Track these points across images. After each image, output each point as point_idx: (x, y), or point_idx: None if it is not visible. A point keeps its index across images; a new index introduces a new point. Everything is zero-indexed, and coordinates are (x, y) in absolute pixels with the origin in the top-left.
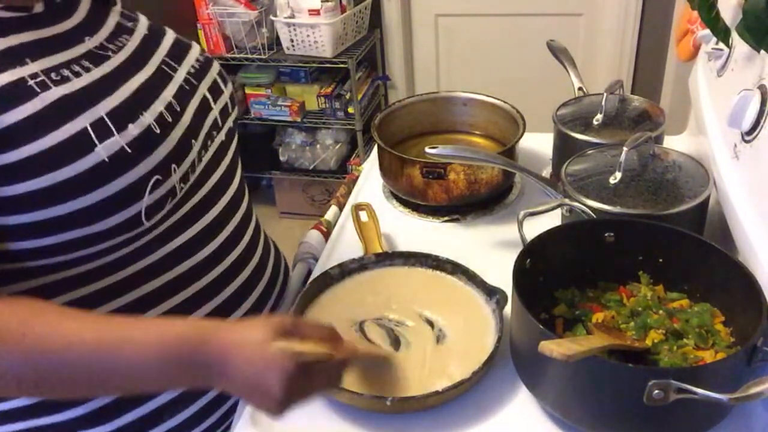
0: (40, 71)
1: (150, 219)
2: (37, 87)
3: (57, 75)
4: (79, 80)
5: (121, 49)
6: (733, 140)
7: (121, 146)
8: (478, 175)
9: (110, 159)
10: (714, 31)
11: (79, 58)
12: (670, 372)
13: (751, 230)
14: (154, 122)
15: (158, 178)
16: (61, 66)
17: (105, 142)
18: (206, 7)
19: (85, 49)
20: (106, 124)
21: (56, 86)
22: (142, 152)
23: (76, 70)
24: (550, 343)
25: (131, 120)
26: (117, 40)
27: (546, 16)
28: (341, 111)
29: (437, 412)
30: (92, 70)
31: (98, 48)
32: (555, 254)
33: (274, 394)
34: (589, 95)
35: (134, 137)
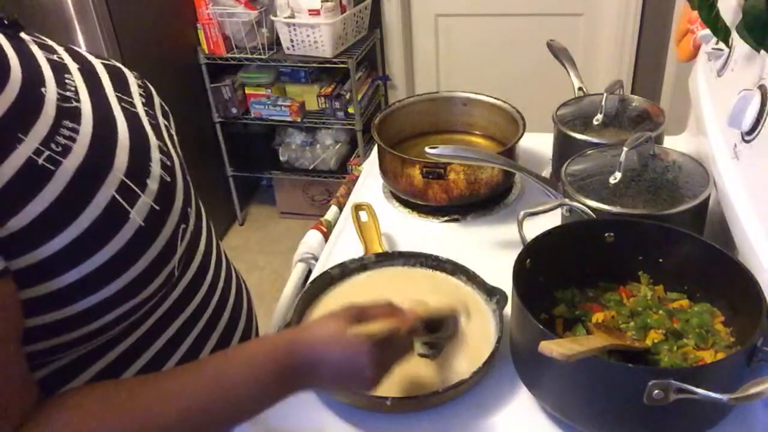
0: (39, 145)
1: (179, 269)
2: (48, 164)
3: (57, 145)
4: (78, 145)
5: (77, 93)
6: (733, 140)
7: (150, 205)
8: (478, 175)
9: (146, 222)
10: (714, 31)
11: (59, 120)
12: (670, 372)
13: (751, 230)
14: (162, 171)
15: (184, 226)
16: (53, 133)
17: (135, 205)
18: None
19: (53, 106)
20: (129, 186)
21: (64, 158)
22: (167, 205)
23: (68, 135)
24: (550, 343)
25: (146, 175)
26: (65, 82)
27: (546, 16)
28: (341, 111)
29: (437, 412)
30: (80, 131)
31: (61, 100)
32: (555, 254)
33: (365, 376)
34: (589, 95)
35: (156, 193)
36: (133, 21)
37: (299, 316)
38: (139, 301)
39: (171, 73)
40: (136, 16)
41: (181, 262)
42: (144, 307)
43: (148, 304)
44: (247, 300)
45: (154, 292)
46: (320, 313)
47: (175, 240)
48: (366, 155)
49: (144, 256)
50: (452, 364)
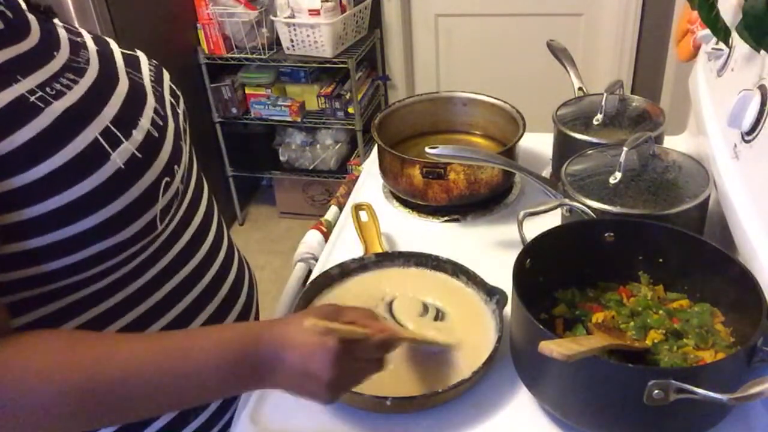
0: (35, 87)
1: (162, 222)
2: (39, 102)
3: (51, 89)
4: (73, 93)
5: (88, 63)
6: (733, 140)
7: (132, 152)
8: (478, 175)
9: (126, 165)
10: (714, 31)
11: (62, 71)
12: (670, 372)
13: (751, 230)
14: (151, 127)
15: (167, 180)
16: (51, 80)
17: (117, 149)
18: (206, 7)
19: (60, 63)
20: (113, 132)
21: (56, 100)
22: (150, 156)
23: (66, 83)
24: (550, 343)
25: (133, 126)
26: (79, 54)
27: (546, 16)
28: (341, 111)
29: (437, 412)
30: (79, 82)
31: (70, 61)
32: (555, 254)
33: (322, 376)
34: (589, 95)
35: (140, 142)
36: (133, 21)
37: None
38: (121, 241)
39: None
40: (136, 16)
41: (166, 217)
42: (127, 249)
43: (131, 247)
44: (248, 279)
45: (136, 235)
46: None
47: (156, 189)
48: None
49: (122, 197)
50: (452, 364)
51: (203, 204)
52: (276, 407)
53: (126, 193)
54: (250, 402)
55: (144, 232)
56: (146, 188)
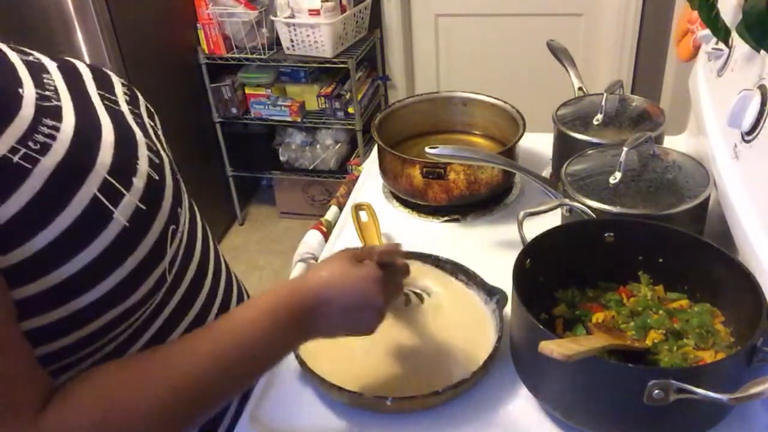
0: (15, 144)
1: (170, 273)
2: (25, 163)
3: (34, 143)
4: (58, 144)
5: (57, 92)
6: (733, 140)
7: (136, 205)
8: (478, 175)
9: (130, 222)
10: (714, 31)
11: (38, 118)
12: (670, 372)
13: (751, 230)
14: (149, 168)
15: (173, 227)
16: (30, 132)
17: (120, 205)
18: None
19: (31, 105)
20: (112, 184)
21: (42, 156)
22: (155, 205)
23: (47, 133)
24: (550, 343)
25: (132, 173)
26: (43, 82)
27: (546, 16)
28: (341, 111)
29: (437, 412)
30: (60, 128)
31: (40, 99)
32: (555, 254)
33: (375, 301)
34: (589, 95)
35: (142, 191)
36: (133, 21)
37: None
38: (131, 305)
39: (171, 73)
40: (136, 16)
41: (173, 266)
42: (137, 312)
43: (141, 309)
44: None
45: (146, 296)
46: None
47: (164, 241)
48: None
49: (131, 258)
50: (452, 364)
51: (200, 236)
52: (276, 407)
53: (134, 253)
54: (250, 402)
55: (154, 289)
56: (154, 242)
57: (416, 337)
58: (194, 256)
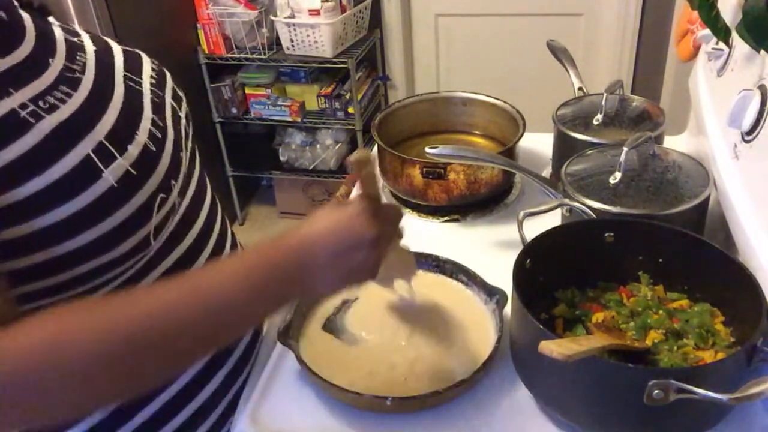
0: (27, 101)
1: (156, 239)
2: (30, 118)
3: (44, 103)
4: (66, 107)
5: (84, 69)
6: (733, 140)
7: (126, 169)
8: (478, 175)
9: (118, 183)
10: (714, 31)
11: (56, 84)
12: (670, 372)
13: (751, 230)
14: (148, 140)
15: (162, 196)
16: (44, 93)
17: (110, 166)
18: (206, 7)
19: (55, 73)
20: (107, 148)
21: (48, 115)
22: (146, 172)
23: (59, 97)
24: (550, 343)
25: (128, 141)
26: (76, 59)
27: (546, 16)
28: (341, 111)
29: (437, 412)
30: (73, 95)
31: (65, 70)
32: (555, 254)
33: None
34: (589, 95)
35: (135, 158)
36: (133, 21)
37: (299, 316)
38: (112, 259)
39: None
40: (136, 16)
41: (160, 232)
42: (118, 266)
43: (123, 264)
44: None
45: (128, 254)
46: (320, 312)
47: (150, 206)
48: None
49: (114, 215)
50: (452, 364)
51: (205, 209)
52: (276, 407)
53: (118, 211)
54: (250, 402)
55: (136, 249)
56: (140, 206)
57: (416, 337)
58: (193, 227)
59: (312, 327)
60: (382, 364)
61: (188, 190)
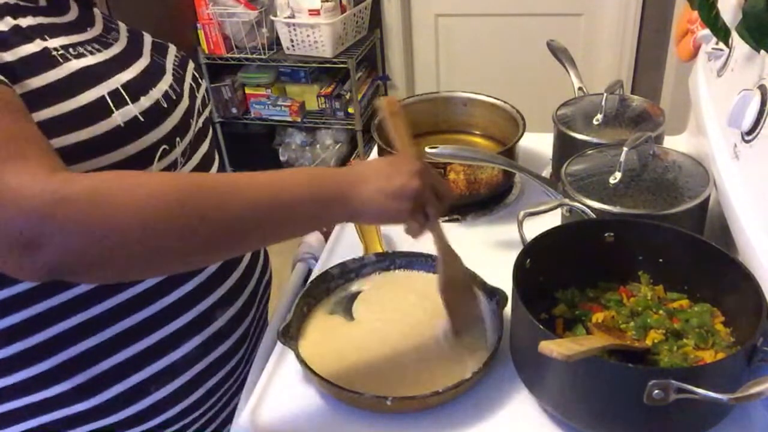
0: (60, 46)
1: None
2: (60, 58)
3: (75, 51)
4: (94, 57)
5: (117, 41)
6: (733, 140)
7: (135, 115)
8: (478, 175)
9: (125, 125)
10: (714, 31)
11: (90, 41)
12: (670, 372)
13: (751, 230)
14: (161, 98)
15: (165, 147)
16: (77, 45)
17: (121, 109)
18: (206, 7)
19: (90, 35)
20: (121, 94)
21: (76, 60)
22: (153, 122)
23: (90, 50)
24: (550, 343)
25: (143, 94)
26: (111, 33)
27: (546, 16)
28: (341, 111)
29: (437, 412)
30: (103, 51)
31: (100, 36)
32: (555, 254)
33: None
34: (589, 95)
35: (146, 108)
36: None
37: (299, 316)
38: None
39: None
40: (136, 16)
41: None
42: None
43: None
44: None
45: None
46: (320, 313)
47: (152, 153)
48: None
49: (116, 152)
50: (452, 364)
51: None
52: (276, 407)
53: (120, 149)
54: (250, 402)
55: None
56: (143, 149)
57: (416, 337)
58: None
59: (312, 327)
60: (383, 364)
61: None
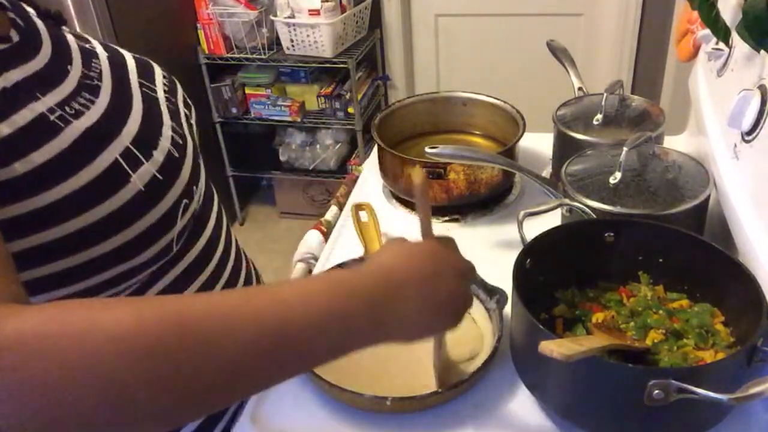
0: (54, 106)
1: (178, 245)
2: (59, 122)
3: (71, 109)
4: (91, 112)
5: (101, 76)
6: (733, 140)
7: (153, 174)
8: (478, 175)
9: (146, 188)
10: (714, 31)
11: (78, 90)
12: (670, 372)
13: (751, 230)
14: (171, 146)
15: (186, 201)
16: (69, 99)
17: (138, 171)
18: (206, 7)
19: (75, 80)
20: (133, 153)
21: (75, 120)
22: (171, 177)
23: (83, 103)
24: (550, 343)
25: (153, 147)
26: (91, 65)
27: (546, 16)
28: (341, 111)
29: (437, 412)
30: (96, 102)
31: (84, 77)
32: (555, 254)
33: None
34: (589, 95)
35: (161, 164)
36: (133, 21)
37: None
38: (134, 266)
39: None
40: (136, 16)
41: (182, 238)
42: (141, 273)
43: (143, 272)
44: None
45: (150, 260)
46: None
47: (175, 212)
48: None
49: (142, 220)
50: (452, 364)
51: (214, 212)
52: (276, 407)
53: (146, 216)
54: (250, 402)
55: (159, 255)
56: (166, 211)
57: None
58: (204, 232)
59: None
60: (382, 364)
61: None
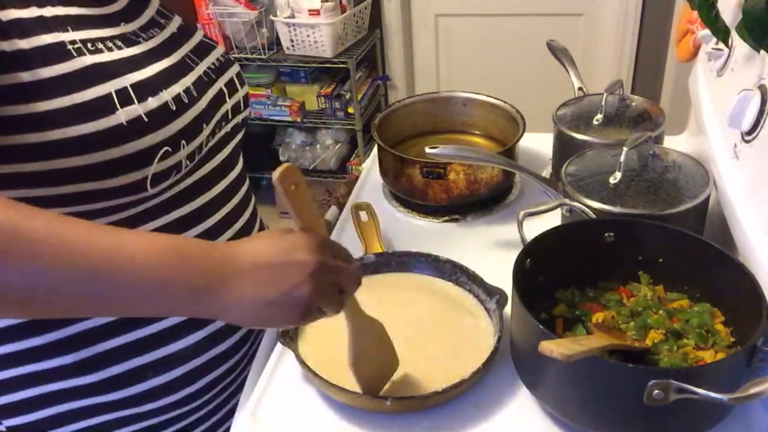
0: (78, 40)
1: (154, 186)
2: (74, 52)
3: (92, 46)
4: (110, 54)
5: (150, 39)
6: (733, 140)
7: (139, 114)
8: (478, 175)
9: (128, 123)
10: (714, 31)
11: (113, 38)
12: (670, 372)
13: (751, 230)
14: (171, 100)
15: (167, 149)
16: (97, 40)
17: (126, 108)
18: (206, 7)
19: (119, 32)
20: (129, 93)
21: (91, 55)
22: (157, 124)
23: (109, 46)
24: (550, 343)
25: (152, 94)
26: (148, 31)
27: (546, 16)
28: (341, 111)
29: (437, 412)
30: (123, 49)
31: (131, 34)
32: (555, 254)
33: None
34: (589, 95)
35: (152, 109)
36: None
37: None
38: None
39: None
40: None
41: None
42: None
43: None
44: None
45: (122, 189)
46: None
47: (152, 153)
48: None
49: (113, 149)
50: (451, 364)
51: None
52: (276, 407)
53: (119, 146)
54: (250, 402)
55: (132, 187)
56: (142, 149)
57: (416, 337)
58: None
59: (312, 327)
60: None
61: (206, 165)
